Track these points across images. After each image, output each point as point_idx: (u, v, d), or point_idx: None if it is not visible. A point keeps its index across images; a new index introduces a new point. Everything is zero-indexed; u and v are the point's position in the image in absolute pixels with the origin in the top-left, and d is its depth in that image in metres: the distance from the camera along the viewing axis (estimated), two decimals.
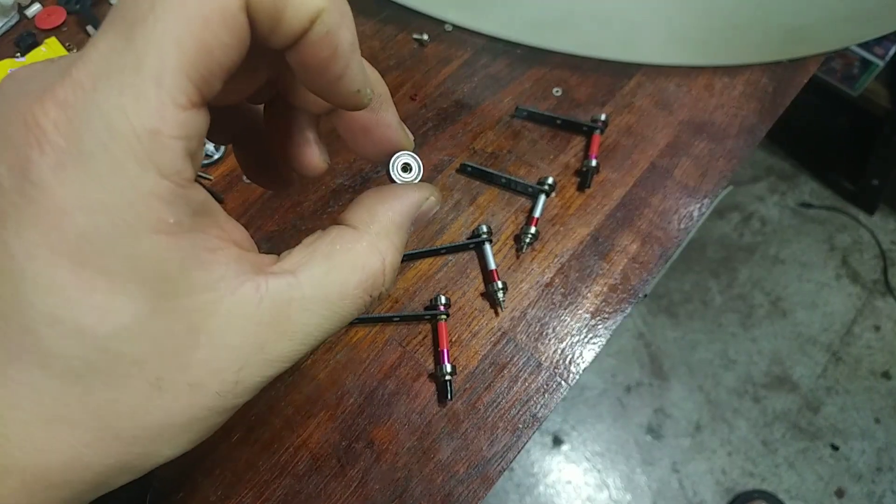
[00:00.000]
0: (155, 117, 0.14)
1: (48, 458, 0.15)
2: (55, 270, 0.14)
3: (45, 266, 0.14)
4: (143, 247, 0.14)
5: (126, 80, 0.14)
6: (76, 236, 0.14)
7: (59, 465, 0.15)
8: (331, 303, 0.17)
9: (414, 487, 0.32)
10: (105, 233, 0.14)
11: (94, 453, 0.15)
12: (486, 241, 0.37)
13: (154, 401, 0.15)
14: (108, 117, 0.14)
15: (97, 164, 0.14)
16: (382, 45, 0.45)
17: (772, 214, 1.36)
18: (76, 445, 0.15)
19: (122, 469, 0.16)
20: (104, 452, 0.15)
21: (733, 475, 1.10)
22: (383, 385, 0.34)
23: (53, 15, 0.46)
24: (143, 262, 0.14)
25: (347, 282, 0.18)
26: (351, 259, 0.18)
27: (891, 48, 1.13)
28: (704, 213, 0.40)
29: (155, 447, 0.16)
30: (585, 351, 0.36)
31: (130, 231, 0.14)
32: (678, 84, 0.45)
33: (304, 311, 0.17)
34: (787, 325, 1.23)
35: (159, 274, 0.15)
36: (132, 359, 0.15)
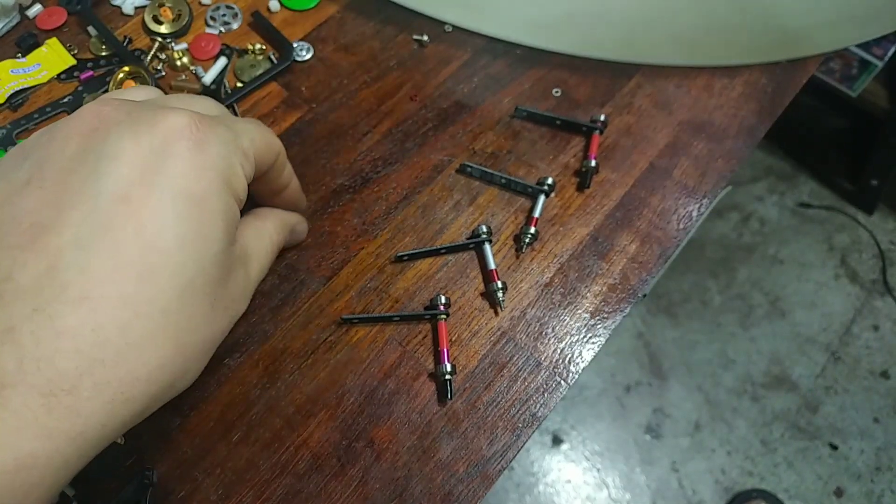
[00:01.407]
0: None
1: (140, 372, 0.18)
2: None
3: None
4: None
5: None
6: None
7: (145, 374, 0.19)
8: (261, 256, 0.28)
9: (414, 486, 0.32)
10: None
11: (171, 365, 0.19)
12: (486, 241, 0.38)
13: (206, 318, 0.21)
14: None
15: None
16: (382, 46, 0.45)
17: (771, 214, 1.36)
18: (161, 358, 0.19)
19: (171, 385, 0.20)
20: (175, 364, 0.19)
21: (732, 474, 1.10)
22: (383, 384, 0.34)
23: (54, 15, 0.46)
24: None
25: (266, 245, 0.29)
26: (264, 232, 0.29)
27: (890, 48, 1.14)
28: (703, 214, 0.41)
29: (194, 363, 0.21)
30: (585, 350, 0.36)
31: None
32: (677, 84, 0.45)
33: (252, 261, 0.26)
34: (786, 325, 1.24)
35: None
36: (201, 286, 0.21)
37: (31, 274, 0.18)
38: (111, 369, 0.18)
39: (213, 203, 0.21)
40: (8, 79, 0.43)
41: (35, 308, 0.17)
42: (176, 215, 0.20)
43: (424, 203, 0.40)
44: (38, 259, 0.18)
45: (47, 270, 0.18)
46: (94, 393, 0.17)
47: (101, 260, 0.18)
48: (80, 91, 0.43)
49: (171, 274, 0.19)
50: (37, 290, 0.18)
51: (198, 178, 0.21)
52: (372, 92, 0.44)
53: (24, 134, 0.42)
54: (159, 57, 0.45)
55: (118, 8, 0.47)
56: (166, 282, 0.19)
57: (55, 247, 0.18)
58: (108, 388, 0.18)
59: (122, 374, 0.18)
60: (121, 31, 0.46)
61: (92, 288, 0.18)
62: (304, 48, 0.45)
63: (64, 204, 0.19)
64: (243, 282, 0.24)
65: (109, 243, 0.18)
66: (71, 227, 0.18)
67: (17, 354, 0.17)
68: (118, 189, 0.19)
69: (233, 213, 0.22)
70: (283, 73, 0.44)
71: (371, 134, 0.42)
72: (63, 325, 0.17)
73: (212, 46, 0.45)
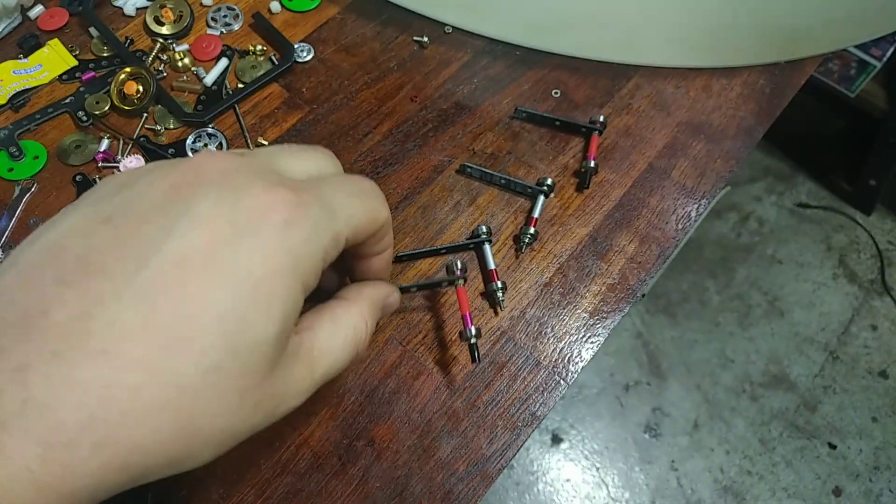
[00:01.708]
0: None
1: (141, 441, 0.18)
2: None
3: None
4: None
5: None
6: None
7: (146, 445, 0.18)
8: (336, 350, 0.24)
9: (414, 485, 0.32)
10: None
11: (173, 443, 0.18)
12: (486, 241, 0.38)
13: (230, 409, 0.19)
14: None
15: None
16: (383, 47, 0.46)
17: (769, 215, 1.36)
18: (165, 433, 0.18)
19: (171, 463, 0.19)
20: (179, 445, 0.18)
21: (731, 473, 1.11)
22: (384, 384, 0.34)
23: (56, 16, 0.46)
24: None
25: (346, 336, 0.25)
26: (347, 320, 0.25)
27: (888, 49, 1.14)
28: (702, 214, 0.41)
29: (205, 449, 0.19)
30: (584, 350, 0.36)
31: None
32: (676, 85, 0.45)
33: (321, 357, 0.23)
34: (785, 325, 1.24)
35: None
36: (234, 383, 0.19)
37: (66, 314, 0.17)
38: (112, 431, 0.17)
39: (273, 289, 0.19)
40: (10, 79, 0.43)
41: (55, 351, 0.17)
42: (223, 293, 0.18)
43: (424, 203, 0.40)
44: (78, 301, 0.17)
45: (80, 315, 0.17)
46: (91, 453, 0.17)
47: (132, 318, 0.17)
48: (82, 92, 0.43)
49: (199, 352, 0.18)
50: (64, 332, 0.17)
51: (266, 261, 0.19)
52: (372, 93, 0.44)
53: (25, 134, 0.42)
54: (161, 58, 0.45)
55: (119, 9, 0.47)
56: (191, 358, 0.18)
57: (97, 293, 0.18)
58: (105, 450, 0.17)
59: (123, 438, 0.17)
60: (122, 32, 0.46)
61: (113, 343, 0.17)
62: (305, 49, 0.45)
63: (126, 253, 0.18)
64: (299, 379, 0.22)
65: (146, 304, 0.18)
66: (120, 277, 0.18)
67: (22, 395, 0.16)
68: (179, 252, 0.18)
69: (293, 303, 0.20)
70: (284, 74, 0.44)
71: (371, 135, 0.42)
72: (75, 375, 0.17)
73: (213, 47, 0.45)
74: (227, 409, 0.19)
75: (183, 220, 0.19)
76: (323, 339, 0.24)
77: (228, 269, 0.19)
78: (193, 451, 0.19)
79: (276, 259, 0.20)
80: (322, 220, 0.21)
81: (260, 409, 0.21)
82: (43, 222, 0.38)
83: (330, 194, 0.22)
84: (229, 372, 0.19)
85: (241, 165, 0.21)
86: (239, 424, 0.20)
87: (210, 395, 0.18)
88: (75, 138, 0.42)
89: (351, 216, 0.23)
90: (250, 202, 0.20)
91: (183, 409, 0.18)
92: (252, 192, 0.20)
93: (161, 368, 0.18)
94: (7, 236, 0.38)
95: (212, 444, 0.19)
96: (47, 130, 0.42)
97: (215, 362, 0.18)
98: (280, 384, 0.21)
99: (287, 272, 0.20)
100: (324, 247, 0.21)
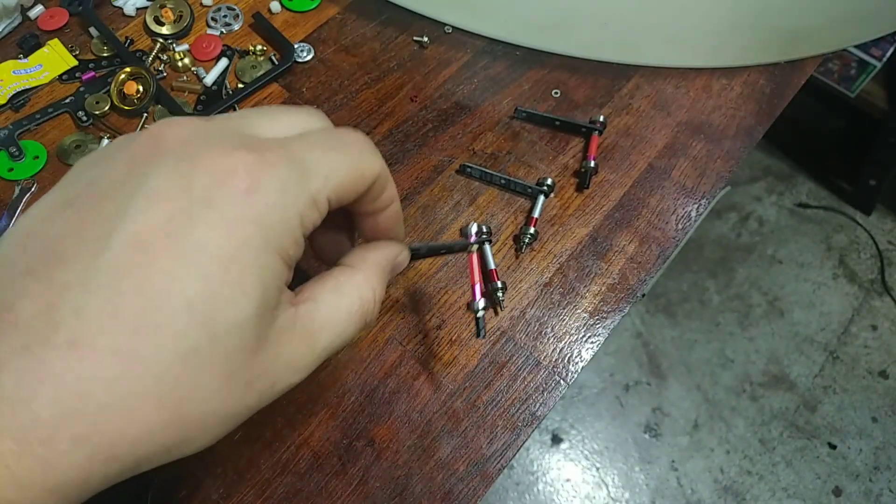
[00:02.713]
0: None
1: (125, 432, 0.17)
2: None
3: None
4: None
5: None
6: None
7: (132, 435, 0.17)
8: (339, 322, 0.22)
9: (414, 485, 0.32)
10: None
11: (163, 432, 0.18)
12: (486, 241, 0.38)
13: (219, 392, 0.18)
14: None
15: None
16: (383, 47, 0.46)
17: (769, 215, 1.36)
18: (152, 423, 0.17)
19: (167, 450, 0.18)
20: (169, 433, 0.18)
21: (731, 473, 1.11)
22: (384, 384, 0.34)
23: (56, 17, 0.46)
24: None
25: (351, 306, 0.23)
26: (351, 289, 0.23)
27: (888, 49, 1.14)
28: (702, 214, 0.41)
29: (200, 434, 0.19)
30: (584, 350, 0.36)
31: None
32: (676, 85, 0.45)
33: (323, 329, 0.22)
34: (785, 325, 1.24)
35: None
36: (221, 362, 0.18)
37: (33, 308, 0.17)
38: (92, 424, 0.16)
39: (245, 265, 0.18)
40: (10, 79, 0.43)
41: (25, 345, 0.16)
42: (190, 274, 0.17)
43: (424, 203, 0.40)
44: (44, 292, 0.17)
45: (48, 307, 0.17)
46: (72, 446, 0.16)
47: (99, 306, 0.17)
48: (82, 91, 0.43)
49: (172, 338, 0.17)
50: (33, 326, 0.16)
51: (231, 234, 0.18)
52: (372, 93, 0.44)
53: (25, 134, 0.42)
54: (161, 58, 0.45)
55: (119, 9, 0.47)
56: (165, 345, 0.17)
57: (62, 282, 0.17)
58: (86, 443, 0.16)
59: (105, 430, 0.16)
60: (122, 32, 0.46)
61: (83, 334, 0.16)
62: (305, 49, 0.45)
63: (87, 235, 0.17)
64: (297, 355, 0.21)
65: (111, 290, 0.17)
66: (82, 263, 0.17)
67: None
68: (138, 232, 0.17)
69: (272, 276, 0.19)
70: (284, 74, 0.44)
71: (372, 135, 0.42)
72: (47, 369, 0.16)
73: (213, 47, 0.45)
74: (215, 392, 0.18)
75: (139, 195, 0.18)
76: (325, 310, 0.22)
77: (191, 247, 0.18)
78: (189, 437, 0.18)
79: (241, 230, 0.18)
80: (292, 182, 0.19)
81: (253, 389, 0.20)
82: None
83: (303, 151, 0.20)
84: (209, 355, 0.18)
85: (202, 130, 0.20)
86: (232, 406, 0.19)
87: (193, 381, 0.18)
88: (75, 138, 0.42)
89: (331, 173, 0.21)
90: (207, 169, 0.18)
91: (165, 396, 0.17)
92: (208, 158, 0.18)
93: (135, 357, 0.17)
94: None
95: (207, 428, 0.19)
96: (47, 130, 0.42)
97: (192, 346, 0.17)
98: (273, 361, 0.20)
99: (256, 243, 0.18)
100: (298, 211, 0.20)
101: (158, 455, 0.18)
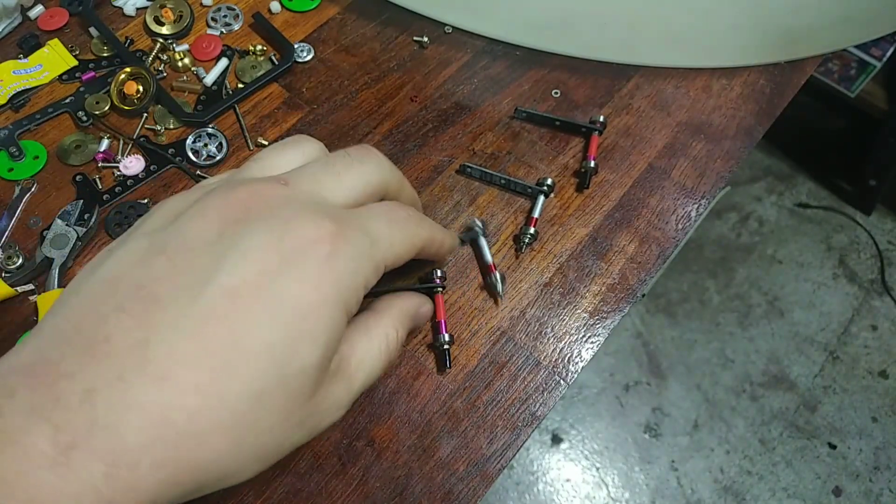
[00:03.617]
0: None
1: (196, 459, 0.19)
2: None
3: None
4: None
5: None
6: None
7: (200, 463, 0.19)
8: (371, 363, 0.25)
9: (414, 485, 0.32)
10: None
11: (225, 461, 0.19)
12: (481, 234, 0.38)
13: (275, 429, 0.20)
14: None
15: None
16: (383, 48, 0.46)
17: (769, 215, 1.36)
18: (218, 452, 0.19)
19: (221, 479, 0.20)
20: (229, 462, 0.20)
21: (731, 473, 1.11)
22: (384, 384, 0.34)
23: (56, 16, 0.46)
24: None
25: (379, 347, 0.26)
26: (379, 332, 0.26)
27: (888, 49, 1.14)
28: (702, 214, 0.41)
29: (251, 465, 0.21)
30: (584, 350, 0.36)
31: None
32: (676, 86, 0.45)
33: (357, 371, 0.24)
34: (785, 325, 1.24)
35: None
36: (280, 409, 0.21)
37: (128, 341, 0.19)
38: (171, 451, 0.18)
39: (319, 318, 0.21)
40: (10, 79, 0.43)
41: (119, 376, 0.18)
42: (272, 322, 0.20)
43: (424, 203, 0.40)
44: (139, 329, 0.19)
45: (141, 342, 0.19)
46: (151, 471, 0.18)
47: (187, 345, 0.19)
48: (82, 92, 0.43)
49: (249, 378, 0.19)
50: (126, 358, 0.18)
51: (312, 291, 0.21)
52: (372, 93, 0.44)
53: (25, 134, 0.42)
54: (161, 58, 0.45)
55: (119, 9, 0.47)
56: (241, 384, 0.19)
57: (156, 321, 0.19)
58: (164, 468, 0.18)
59: (180, 457, 0.18)
60: (122, 32, 0.46)
61: (171, 369, 0.18)
62: (305, 49, 0.45)
63: (181, 284, 0.20)
64: (339, 395, 0.23)
65: (200, 333, 0.19)
66: (175, 307, 0.19)
67: (90, 417, 0.17)
68: (231, 284, 0.20)
69: (338, 329, 0.22)
70: (284, 74, 0.44)
71: (371, 135, 0.42)
72: (137, 399, 0.18)
73: (213, 47, 0.45)
74: (272, 428, 0.20)
75: (233, 253, 0.20)
76: (358, 352, 0.25)
77: (276, 300, 0.20)
78: (242, 467, 0.20)
79: (321, 289, 0.21)
80: (364, 250, 0.23)
81: (303, 427, 0.22)
82: (43, 222, 0.38)
83: (371, 224, 0.24)
84: (276, 396, 0.20)
85: (287, 199, 0.22)
86: (283, 442, 0.21)
87: (258, 417, 0.20)
88: (75, 138, 0.42)
89: (392, 244, 0.24)
90: (297, 235, 0.21)
91: (234, 429, 0.19)
92: (298, 225, 0.21)
93: (214, 393, 0.19)
94: (7, 236, 0.38)
95: (258, 460, 0.21)
96: (47, 130, 0.42)
97: (263, 387, 0.20)
98: (321, 402, 0.22)
99: (332, 301, 0.21)
100: (365, 275, 0.23)
101: (215, 482, 0.20)
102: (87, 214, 0.38)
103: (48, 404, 0.17)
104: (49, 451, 0.17)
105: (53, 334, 0.19)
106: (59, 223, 0.38)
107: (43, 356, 0.19)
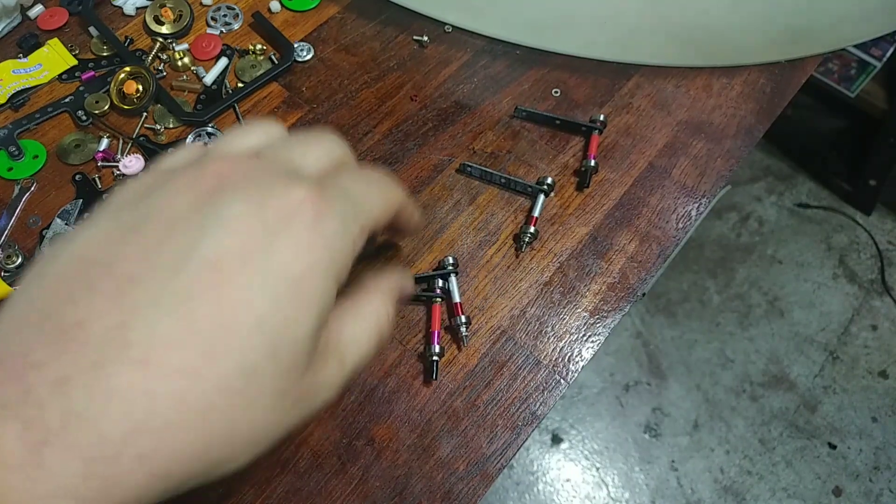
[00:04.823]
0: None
1: (185, 448, 0.17)
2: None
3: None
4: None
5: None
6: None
7: (189, 452, 0.18)
8: (363, 341, 0.24)
9: (414, 485, 0.32)
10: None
11: (216, 448, 0.18)
12: (453, 272, 0.37)
13: (269, 410, 0.19)
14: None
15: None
16: (383, 47, 0.46)
17: (769, 214, 1.36)
18: (207, 439, 0.18)
19: (213, 468, 0.19)
20: (221, 449, 0.18)
21: (731, 473, 1.11)
22: (384, 383, 0.34)
23: (56, 16, 0.46)
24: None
25: (370, 326, 0.25)
26: (370, 310, 0.25)
27: (888, 49, 1.14)
28: (702, 213, 0.41)
29: (244, 452, 0.19)
30: (584, 349, 0.36)
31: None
32: (676, 85, 0.45)
33: (349, 348, 0.24)
34: (785, 325, 1.24)
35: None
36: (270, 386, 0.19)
37: (104, 325, 0.17)
38: (156, 441, 0.17)
39: (313, 283, 0.20)
40: (9, 79, 0.43)
41: (95, 362, 0.17)
42: (262, 293, 0.19)
43: (424, 203, 0.40)
44: (115, 311, 0.17)
45: (118, 325, 0.17)
46: (136, 465, 0.16)
47: (171, 325, 0.17)
48: (82, 91, 0.43)
49: (239, 354, 0.18)
50: (103, 343, 0.17)
51: (301, 259, 0.19)
52: (372, 92, 0.44)
53: (25, 134, 0.42)
54: (160, 57, 0.45)
55: (119, 8, 0.47)
56: (232, 361, 0.18)
57: (133, 302, 0.18)
58: (149, 460, 0.17)
59: (166, 447, 0.17)
60: (122, 31, 0.46)
61: (153, 351, 0.17)
62: (305, 49, 0.45)
63: (157, 261, 0.18)
64: (331, 373, 0.22)
65: (184, 310, 0.18)
66: (155, 285, 0.18)
67: (63, 408, 0.16)
68: (213, 256, 0.18)
69: (329, 298, 0.21)
70: (283, 73, 0.44)
71: (371, 134, 0.42)
72: (117, 386, 0.16)
73: (213, 47, 0.45)
74: (267, 409, 0.19)
75: (213, 224, 0.19)
76: (349, 330, 0.24)
77: (265, 268, 0.19)
78: (234, 454, 0.19)
79: (311, 254, 0.20)
80: (348, 214, 0.22)
81: (296, 408, 0.21)
82: (42, 221, 0.38)
83: (350, 186, 0.23)
84: (268, 373, 0.19)
85: (262, 168, 0.21)
86: (276, 424, 0.20)
87: (250, 397, 0.18)
88: (75, 137, 0.42)
89: (372, 207, 0.24)
90: (278, 201, 0.20)
91: (225, 412, 0.18)
92: (278, 192, 0.20)
93: (203, 374, 0.17)
94: (7, 235, 0.38)
95: (251, 445, 0.19)
96: (47, 130, 0.42)
97: (255, 364, 0.18)
98: (314, 381, 0.21)
99: (325, 265, 0.20)
100: (353, 238, 0.22)
101: (205, 473, 0.18)
102: (87, 213, 0.38)
103: (16, 399, 0.16)
104: (18, 450, 0.15)
105: (17, 323, 0.18)
106: (58, 222, 0.38)
107: (7, 347, 0.17)
